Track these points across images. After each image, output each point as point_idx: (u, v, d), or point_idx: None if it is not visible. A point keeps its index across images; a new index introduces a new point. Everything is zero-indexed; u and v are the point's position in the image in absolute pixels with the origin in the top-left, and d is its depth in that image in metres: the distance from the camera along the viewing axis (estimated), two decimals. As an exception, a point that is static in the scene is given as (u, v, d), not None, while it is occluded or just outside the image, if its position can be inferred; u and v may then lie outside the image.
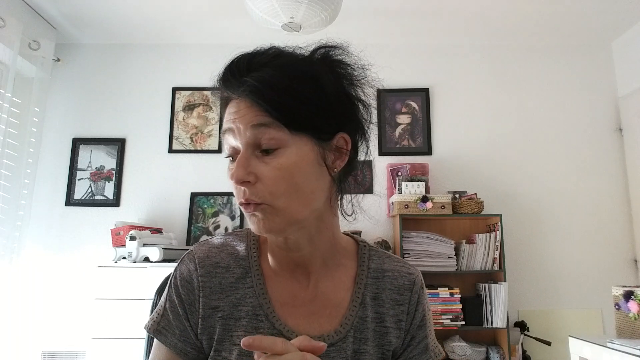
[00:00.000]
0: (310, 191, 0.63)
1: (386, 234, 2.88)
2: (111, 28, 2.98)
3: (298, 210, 0.62)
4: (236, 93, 0.62)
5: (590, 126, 3.05)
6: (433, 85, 3.11)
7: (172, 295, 0.71)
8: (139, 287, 2.29)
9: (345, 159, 0.67)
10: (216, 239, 0.75)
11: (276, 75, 0.61)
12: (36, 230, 2.86)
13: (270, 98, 0.60)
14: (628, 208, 2.94)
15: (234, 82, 0.62)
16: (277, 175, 0.60)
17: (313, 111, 0.62)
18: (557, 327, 2.77)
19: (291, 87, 0.61)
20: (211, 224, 2.90)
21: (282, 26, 2.19)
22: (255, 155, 0.61)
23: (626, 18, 2.84)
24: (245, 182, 0.60)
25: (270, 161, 0.60)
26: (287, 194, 0.61)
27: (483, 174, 2.99)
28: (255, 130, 0.60)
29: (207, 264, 0.71)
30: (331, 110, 0.64)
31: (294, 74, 0.62)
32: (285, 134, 0.60)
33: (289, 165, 0.60)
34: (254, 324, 0.68)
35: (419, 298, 0.74)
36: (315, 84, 0.63)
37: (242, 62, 0.63)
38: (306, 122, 0.62)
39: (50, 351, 2.72)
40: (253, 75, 0.61)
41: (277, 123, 0.60)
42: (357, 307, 0.70)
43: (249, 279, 0.70)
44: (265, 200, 0.61)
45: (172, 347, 0.68)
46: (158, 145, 3.03)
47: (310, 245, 0.68)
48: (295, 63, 0.64)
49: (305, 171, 0.62)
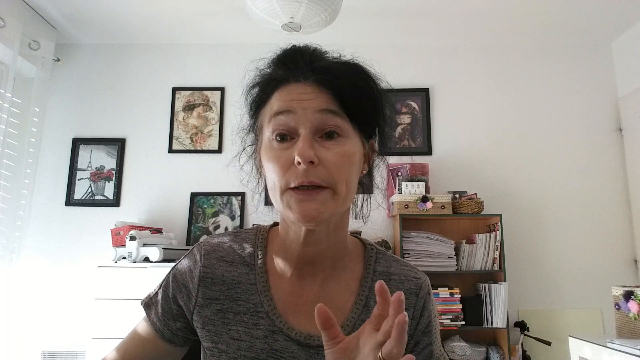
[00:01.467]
0: (354, 185, 0.65)
1: (386, 234, 2.88)
2: (111, 28, 2.98)
3: (348, 201, 0.64)
4: (302, 75, 0.63)
5: (590, 126, 3.05)
6: (433, 85, 3.11)
7: (169, 279, 0.74)
8: (139, 287, 2.29)
9: (372, 163, 0.71)
10: (225, 235, 0.77)
11: (344, 68, 0.64)
12: (36, 230, 2.86)
13: (340, 86, 0.62)
14: (628, 208, 2.94)
15: (302, 65, 0.63)
16: (339, 160, 0.61)
17: (370, 109, 0.66)
18: (557, 327, 2.77)
19: (356, 82, 0.64)
20: (211, 224, 2.90)
21: (282, 26, 2.19)
22: (315, 140, 0.62)
23: (626, 18, 2.84)
24: (310, 162, 0.59)
25: (333, 147, 0.61)
26: (344, 182, 0.62)
27: (483, 174, 2.99)
28: (323, 115, 0.61)
29: (213, 256, 0.72)
30: (376, 113, 0.68)
31: (358, 70, 0.66)
32: (347, 124, 0.63)
33: (349, 154, 0.62)
34: (254, 320, 0.68)
35: (425, 303, 0.73)
36: (374, 85, 0.67)
37: (306, 50, 0.66)
38: (363, 118, 0.65)
39: (50, 351, 2.72)
40: (322, 63, 0.63)
41: (342, 112, 0.62)
42: (360, 309, 0.70)
43: (253, 276, 0.71)
44: (330, 184, 0.61)
45: (151, 323, 0.74)
46: (158, 145, 3.03)
47: (327, 241, 0.68)
48: (354, 62, 0.67)
49: (357, 164, 0.65)
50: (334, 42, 3.15)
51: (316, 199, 0.60)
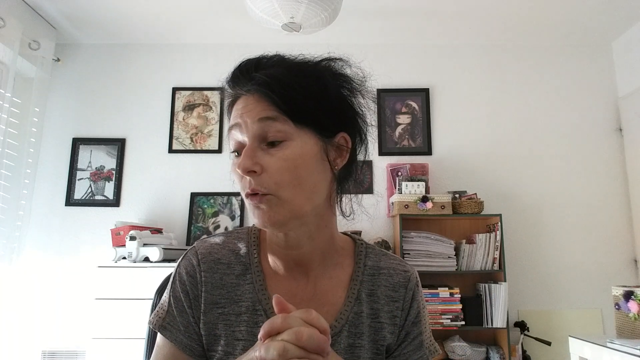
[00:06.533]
0: (312, 185, 0.65)
1: (386, 234, 2.88)
2: (111, 28, 2.98)
3: (302, 203, 0.64)
4: (244, 89, 0.65)
5: (590, 126, 3.05)
6: (433, 85, 3.11)
7: (177, 290, 0.72)
8: (139, 287, 2.29)
9: (346, 157, 0.70)
10: (217, 237, 0.77)
11: (284, 72, 0.65)
12: (36, 230, 2.86)
13: (277, 91, 0.63)
14: (628, 208, 2.94)
15: (242, 80, 0.66)
16: (282, 166, 0.62)
17: (317, 107, 0.65)
18: (557, 327, 2.77)
19: (297, 83, 0.64)
20: (211, 224, 2.90)
21: (282, 26, 2.19)
22: (261, 148, 0.63)
23: (626, 18, 2.84)
24: (251, 172, 0.62)
25: (276, 153, 0.62)
26: (292, 185, 0.62)
27: (483, 174, 2.99)
28: (262, 123, 0.63)
29: (209, 259, 0.72)
30: (333, 108, 0.68)
31: (300, 72, 0.67)
32: (290, 127, 0.63)
33: (293, 157, 0.63)
34: (254, 318, 0.69)
35: (414, 295, 0.76)
36: (319, 83, 0.67)
37: (250, 63, 0.67)
38: (310, 116, 0.65)
39: (50, 351, 2.72)
40: (262, 72, 0.65)
41: (283, 116, 0.63)
42: (352, 302, 0.72)
43: (249, 275, 0.72)
44: (271, 191, 0.62)
45: (177, 343, 0.69)
46: (158, 145, 3.03)
47: (310, 242, 0.70)
48: (300, 64, 0.68)
49: (308, 164, 0.64)
50: (334, 42, 3.16)
51: (262, 207, 0.62)
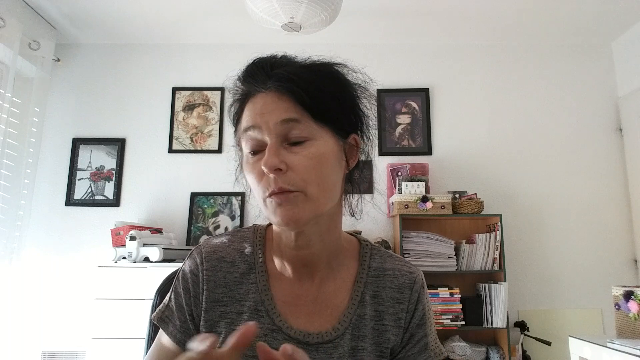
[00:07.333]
0: (333, 183, 0.66)
1: (386, 234, 2.88)
2: (111, 28, 2.98)
3: (325, 201, 0.65)
4: (263, 86, 0.64)
5: (590, 126, 3.05)
6: (433, 85, 3.11)
7: (179, 287, 0.73)
8: (139, 287, 2.29)
9: (357, 158, 0.71)
10: (224, 236, 0.77)
11: (303, 70, 0.65)
12: (36, 230, 2.86)
13: (302, 87, 0.62)
14: (628, 208, 2.94)
15: (261, 76, 0.65)
16: (308, 163, 0.62)
17: (336, 106, 0.66)
18: (557, 327, 2.77)
19: (318, 81, 0.65)
20: (211, 224, 2.90)
21: (282, 26, 2.19)
22: (283, 147, 0.63)
23: (626, 18, 2.83)
24: (277, 170, 0.61)
25: (300, 151, 0.62)
26: (317, 183, 0.63)
27: (483, 174, 2.99)
28: (285, 125, 0.62)
29: (213, 258, 0.73)
30: (348, 109, 0.69)
31: (319, 71, 0.67)
32: (312, 126, 0.63)
33: (318, 155, 0.63)
34: (255, 318, 0.69)
35: (419, 297, 0.75)
36: (337, 82, 0.67)
37: (265, 60, 0.67)
38: (330, 115, 0.65)
39: (50, 351, 2.72)
40: (281, 69, 0.64)
41: (305, 116, 0.63)
42: (355, 305, 0.71)
43: (253, 275, 0.72)
44: (299, 188, 0.62)
45: (171, 336, 0.71)
46: (158, 145, 3.03)
47: (320, 243, 0.69)
48: (316, 64, 0.68)
49: (330, 162, 0.65)
50: (334, 42, 3.15)
51: (290, 203, 0.62)
